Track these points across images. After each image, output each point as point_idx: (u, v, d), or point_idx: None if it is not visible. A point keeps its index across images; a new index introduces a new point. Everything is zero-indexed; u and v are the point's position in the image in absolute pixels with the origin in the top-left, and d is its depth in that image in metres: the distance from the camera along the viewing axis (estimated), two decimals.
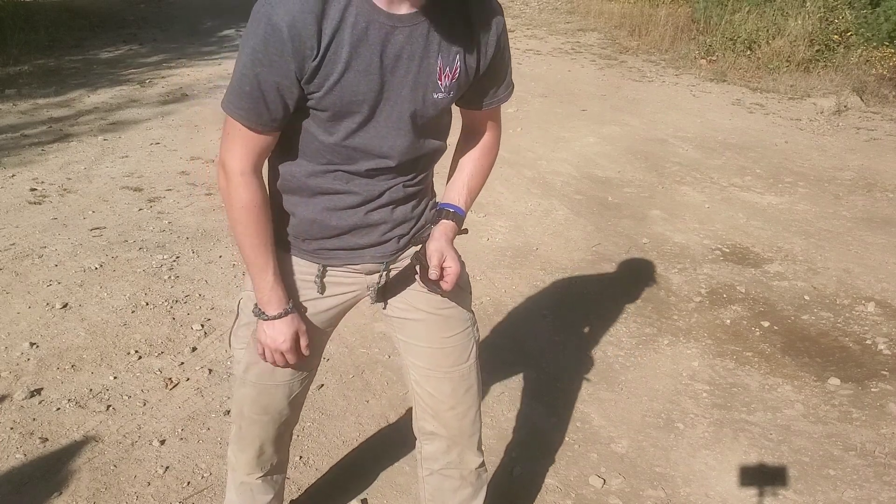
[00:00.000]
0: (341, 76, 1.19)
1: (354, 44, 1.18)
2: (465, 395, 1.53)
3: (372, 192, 1.34)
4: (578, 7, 10.86)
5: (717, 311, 3.16)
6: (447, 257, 1.36)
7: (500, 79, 1.39)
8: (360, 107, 1.24)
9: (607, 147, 5.31)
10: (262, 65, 1.17)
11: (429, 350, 1.50)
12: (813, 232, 3.98)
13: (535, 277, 3.40)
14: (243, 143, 1.25)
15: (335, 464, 2.21)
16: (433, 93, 1.27)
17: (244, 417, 1.57)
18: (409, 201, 1.40)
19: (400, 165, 1.33)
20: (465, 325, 1.51)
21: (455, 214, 1.44)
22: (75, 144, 4.96)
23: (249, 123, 1.22)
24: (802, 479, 2.20)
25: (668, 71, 7.77)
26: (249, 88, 1.19)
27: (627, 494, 2.13)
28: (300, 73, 1.18)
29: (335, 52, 1.17)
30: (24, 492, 2.02)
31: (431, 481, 1.65)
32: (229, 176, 1.27)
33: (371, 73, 1.21)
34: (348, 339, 2.81)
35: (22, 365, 2.57)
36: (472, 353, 1.52)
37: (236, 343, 1.50)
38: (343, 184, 1.33)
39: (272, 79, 1.18)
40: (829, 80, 7.10)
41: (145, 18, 9.89)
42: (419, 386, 1.54)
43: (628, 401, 2.56)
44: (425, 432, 1.59)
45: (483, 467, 1.66)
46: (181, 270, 3.29)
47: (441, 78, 1.27)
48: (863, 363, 2.82)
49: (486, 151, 1.51)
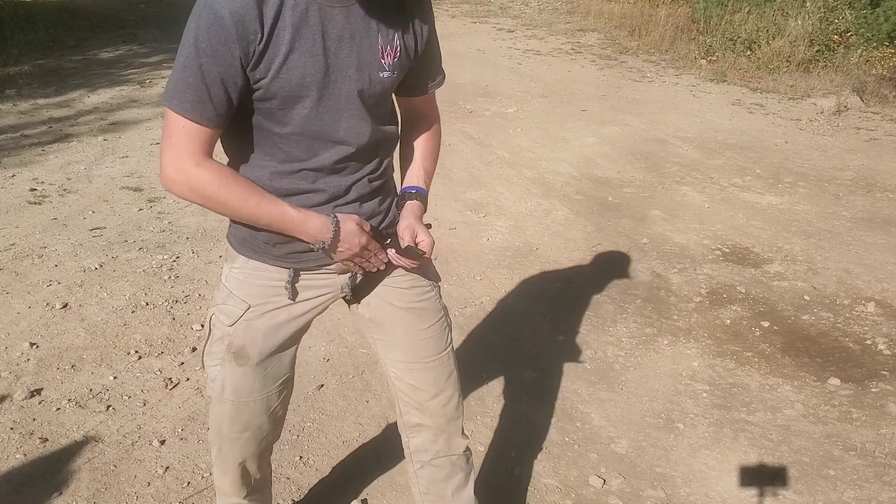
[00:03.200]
0: (286, 58, 1.20)
1: (296, 25, 1.19)
2: (447, 381, 1.56)
3: (338, 188, 1.34)
4: (578, 7, 10.86)
5: (717, 311, 3.16)
6: (419, 231, 1.39)
7: (436, 61, 1.45)
8: (307, 90, 1.24)
9: (607, 147, 5.31)
10: (206, 55, 1.16)
11: (407, 344, 1.52)
12: (813, 232, 3.98)
13: (535, 277, 3.40)
14: (189, 139, 1.21)
15: (335, 464, 2.21)
16: (378, 71, 1.30)
17: (224, 438, 1.54)
18: (375, 196, 1.41)
19: (360, 152, 1.34)
20: (438, 315, 1.54)
21: (418, 193, 1.48)
22: (75, 144, 4.96)
23: (194, 117, 1.19)
24: (802, 479, 2.20)
25: (668, 71, 7.77)
26: (193, 80, 1.18)
27: (627, 494, 2.13)
28: (245, 59, 1.18)
29: (279, 36, 1.18)
30: (24, 492, 2.02)
31: (423, 474, 1.67)
32: (185, 174, 1.22)
33: (315, 53, 1.22)
34: (348, 340, 2.81)
35: (22, 365, 2.57)
36: (447, 341, 1.56)
37: (210, 361, 1.47)
38: (309, 182, 1.32)
39: (215, 69, 1.17)
40: (829, 80, 7.11)
41: (145, 18, 9.90)
42: (401, 381, 1.56)
43: (628, 401, 2.56)
44: (411, 425, 1.61)
45: (469, 451, 1.69)
46: (181, 270, 3.29)
47: (384, 56, 1.29)
48: (863, 363, 2.81)
49: (433, 134, 1.56)
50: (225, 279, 1.44)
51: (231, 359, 1.43)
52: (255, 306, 1.40)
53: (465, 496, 1.70)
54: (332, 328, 2.87)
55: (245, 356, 1.43)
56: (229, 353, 1.42)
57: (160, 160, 1.24)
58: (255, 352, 1.43)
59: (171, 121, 1.22)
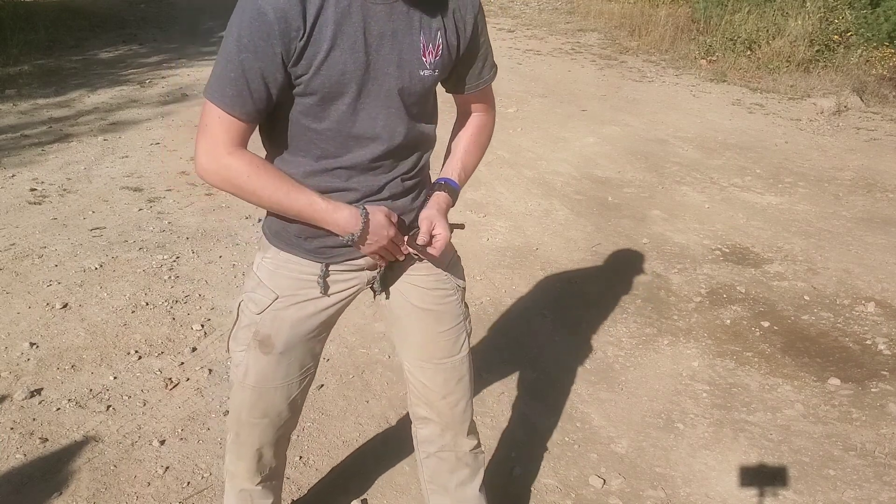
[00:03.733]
0: (328, 54, 1.20)
1: (339, 21, 1.19)
2: (457, 385, 1.57)
3: (371, 187, 1.35)
4: (578, 7, 10.86)
5: (717, 311, 3.16)
6: (436, 225, 1.38)
7: (481, 59, 1.42)
8: (347, 86, 1.24)
9: (607, 147, 5.31)
10: (248, 50, 1.17)
11: (421, 343, 1.53)
12: (813, 232, 3.98)
13: (535, 277, 3.40)
14: (225, 130, 1.23)
15: (335, 464, 2.21)
16: (419, 69, 1.29)
17: (242, 423, 1.56)
18: (408, 194, 1.41)
19: (394, 150, 1.33)
20: (457, 320, 1.54)
21: (447, 186, 1.47)
22: (75, 144, 4.96)
23: (233, 111, 1.21)
24: (802, 479, 2.20)
25: (668, 71, 7.77)
26: (234, 75, 1.19)
27: (627, 494, 2.13)
28: (287, 55, 1.18)
29: (320, 31, 1.19)
30: (24, 492, 2.02)
31: (429, 464, 1.69)
32: (218, 162, 1.23)
33: (356, 49, 1.22)
34: (348, 339, 2.81)
35: (22, 365, 2.57)
36: (463, 346, 1.56)
37: (235, 346, 1.49)
38: (342, 181, 1.33)
39: (256, 65, 1.18)
40: (829, 80, 7.11)
41: (145, 18, 9.90)
42: (412, 376, 1.58)
43: (628, 401, 2.56)
44: (419, 417, 1.64)
45: (478, 449, 1.70)
46: (181, 270, 3.29)
47: (425, 55, 1.29)
48: (863, 363, 2.81)
49: (480, 129, 1.55)
50: (256, 268, 1.46)
51: (256, 346, 1.44)
52: (283, 297, 1.42)
53: (469, 492, 1.71)
54: (333, 328, 2.87)
55: (270, 345, 1.44)
56: (255, 340, 1.44)
57: (195, 150, 1.26)
58: (280, 341, 1.44)
59: (209, 112, 1.23)
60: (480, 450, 1.71)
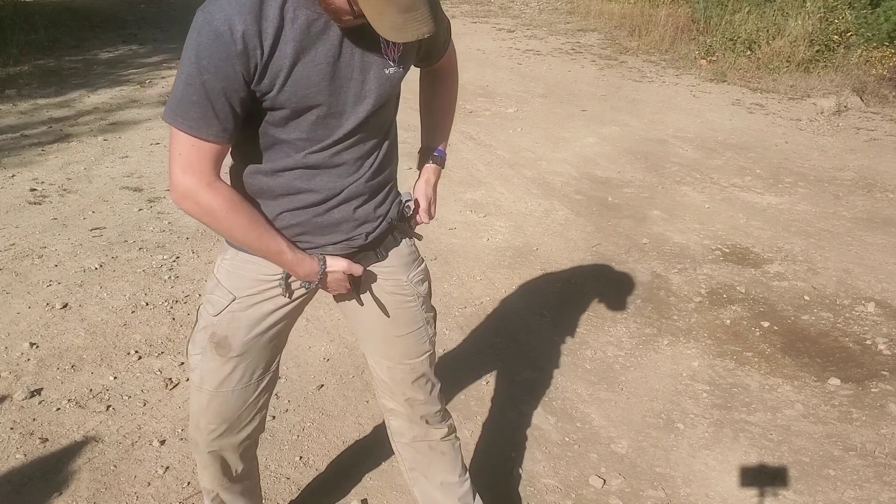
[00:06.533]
0: (290, 70, 1.20)
1: (297, 38, 1.19)
2: (416, 383, 1.59)
3: (333, 189, 1.35)
4: (578, 7, 10.86)
5: (717, 312, 3.16)
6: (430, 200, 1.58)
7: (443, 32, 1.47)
8: (314, 98, 1.24)
9: (607, 147, 5.31)
10: (208, 71, 1.15)
11: (379, 341, 1.56)
12: (813, 232, 3.98)
13: (535, 277, 3.40)
14: (198, 156, 1.20)
15: (335, 464, 2.21)
16: (384, 68, 1.29)
17: (201, 430, 1.52)
18: (371, 199, 1.41)
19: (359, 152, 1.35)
20: (414, 326, 1.55)
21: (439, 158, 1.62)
22: (75, 144, 4.96)
23: (200, 134, 1.19)
24: (802, 479, 2.20)
25: (668, 71, 7.77)
26: (197, 97, 1.16)
27: (627, 495, 2.13)
28: (247, 74, 1.17)
29: (281, 50, 1.18)
30: (24, 492, 2.02)
31: (405, 453, 1.73)
32: (195, 195, 1.22)
33: (318, 62, 1.22)
34: (348, 340, 2.81)
35: (22, 365, 2.57)
36: (423, 350, 1.58)
37: (193, 350, 1.47)
38: (304, 182, 1.33)
39: (219, 85, 1.16)
40: (829, 80, 7.10)
41: (145, 18, 9.90)
42: (373, 369, 1.62)
43: (628, 401, 2.56)
44: (387, 408, 1.67)
45: (451, 436, 1.72)
46: (181, 270, 3.29)
47: (387, 53, 1.29)
48: (863, 363, 2.81)
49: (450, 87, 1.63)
50: (216, 270, 1.46)
51: (213, 349, 1.43)
52: (240, 298, 1.41)
53: (451, 478, 1.73)
54: (332, 328, 2.88)
55: (227, 346, 1.43)
56: (211, 343, 1.43)
57: (170, 176, 1.24)
58: (237, 343, 1.43)
59: (177, 138, 1.21)
60: (455, 436, 1.73)
